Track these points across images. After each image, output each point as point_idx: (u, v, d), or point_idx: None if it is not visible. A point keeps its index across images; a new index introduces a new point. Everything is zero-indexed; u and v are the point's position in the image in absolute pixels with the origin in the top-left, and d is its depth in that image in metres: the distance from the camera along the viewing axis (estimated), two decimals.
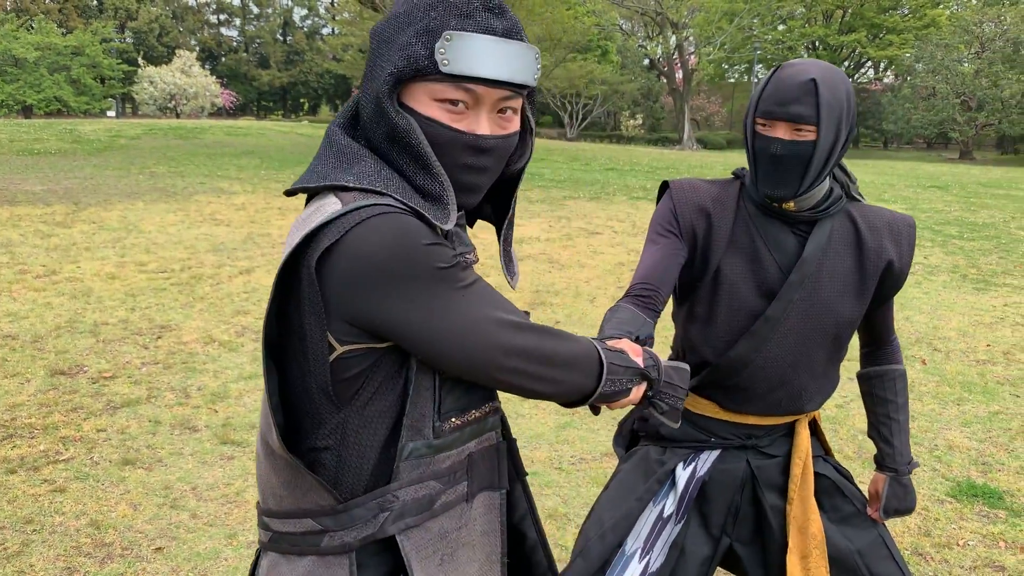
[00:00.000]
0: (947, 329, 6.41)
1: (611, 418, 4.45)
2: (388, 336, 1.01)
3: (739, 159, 27.36)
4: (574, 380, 1.12)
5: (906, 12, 42.01)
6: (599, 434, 4.26)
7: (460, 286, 1.01)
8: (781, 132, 1.57)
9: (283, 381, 1.10)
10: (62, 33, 43.65)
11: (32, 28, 42.11)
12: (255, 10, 60.26)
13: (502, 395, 4.67)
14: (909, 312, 6.87)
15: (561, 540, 3.20)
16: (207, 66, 49.29)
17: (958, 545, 3.23)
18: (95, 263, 7.42)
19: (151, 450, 3.85)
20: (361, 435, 1.07)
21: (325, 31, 59.28)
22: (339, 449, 1.08)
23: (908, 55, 39.10)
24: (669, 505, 1.77)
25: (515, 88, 1.07)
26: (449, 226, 1.04)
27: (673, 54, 42.94)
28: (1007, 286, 7.79)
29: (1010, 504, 3.56)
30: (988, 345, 5.92)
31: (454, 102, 1.03)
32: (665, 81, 46.25)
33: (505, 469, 1.24)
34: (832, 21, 40.88)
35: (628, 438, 1.96)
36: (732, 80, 52.17)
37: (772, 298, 1.68)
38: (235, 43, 59.42)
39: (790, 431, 1.82)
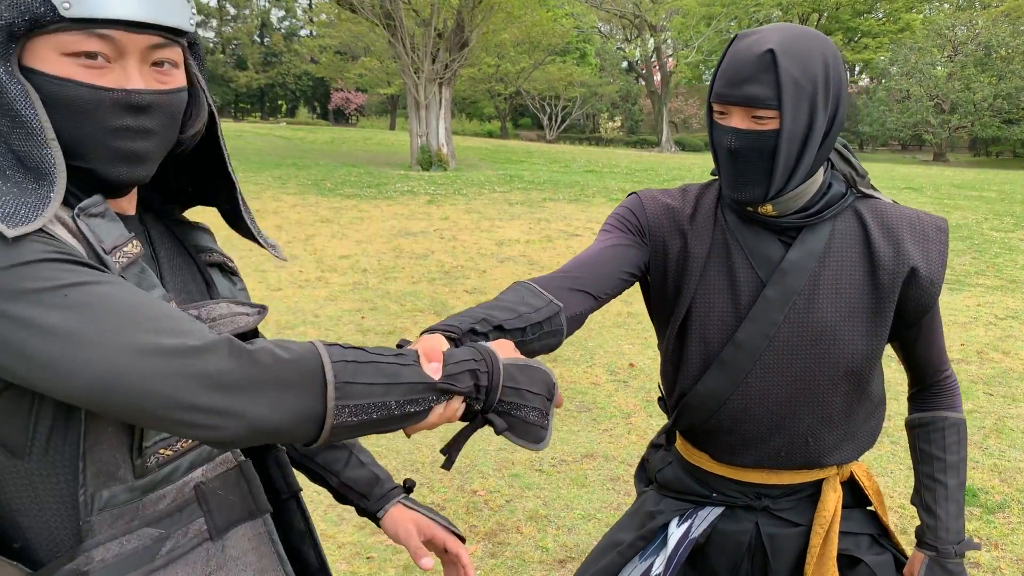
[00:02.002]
0: None
1: (592, 419, 4.47)
2: None
3: None
4: (264, 410, 0.80)
5: (881, 16, 42.50)
6: (579, 436, 4.27)
7: (37, 288, 0.76)
8: (737, 120, 1.26)
9: None
10: None
11: None
12: (232, 11, 59.86)
13: None
14: None
15: (541, 543, 3.21)
16: None
17: None
18: None
19: None
20: (52, 488, 0.87)
21: (303, 33, 58.99)
22: (37, 510, 0.87)
23: (883, 58, 39.57)
24: (658, 564, 1.49)
25: (167, 34, 0.89)
26: (47, 214, 0.81)
27: (651, 57, 43.16)
28: (980, 286, 7.90)
29: (984, 502, 3.60)
30: (962, 344, 5.99)
31: (91, 54, 0.84)
32: (643, 84, 46.45)
33: (259, 491, 1.02)
34: (808, 24, 41.34)
35: (649, 474, 1.68)
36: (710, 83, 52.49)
37: None
38: (212, 44, 58.98)
39: (817, 493, 1.48)
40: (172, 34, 0.90)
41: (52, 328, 0.76)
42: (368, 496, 1.28)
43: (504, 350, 1.00)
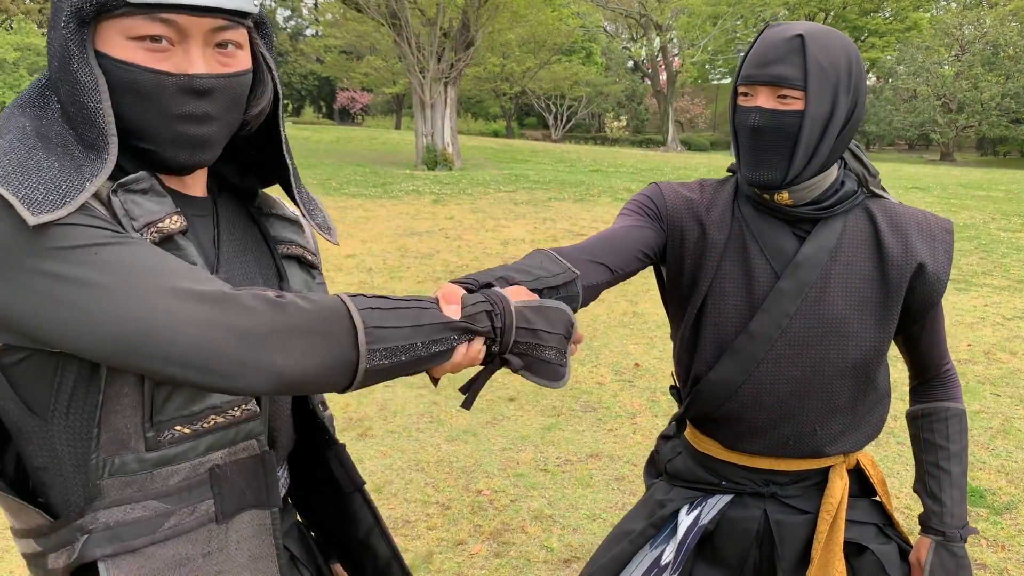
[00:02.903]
0: None
1: (597, 419, 4.46)
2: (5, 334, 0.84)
3: (724, 160, 27.49)
4: (293, 360, 0.84)
5: (888, 15, 42.38)
6: (585, 435, 4.27)
7: (68, 247, 0.80)
8: (762, 100, 1.31)
9: None
10: (42, 34, 43.27)
11: (11, 28, 41.75)
12: None
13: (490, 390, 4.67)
14: None
15: (547, 542, 3.20)
16: None
17: None
18: None
19: None
20: (69, 450, 0.92)
21: (308, 32, 59.04)
22: (56, 468, 0.93)
23: (890, 58, 39.42)
24: (668, 552, 1.52)
25: (229, 16, 0.90)
26: (76, 202, 0.82)
27: (657, 56, 43.08)
28: (987, 286, 7.87)
29: (991, 503, 3.59)
30: (969, 345, 5.97)
31: (155, 38, 0.86)
32: (649, 83, 46.39)
33: (275, 484, 1.03)
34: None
35: (658, 466, 1.71)
36: (716, 82, 52.43)
37: None
38: None
39: (824, 481, 1.51)
40: (236, 16, 0.91)
41: (85, 280, 0.79)
42: None
43: (517, 295, 1.03)
